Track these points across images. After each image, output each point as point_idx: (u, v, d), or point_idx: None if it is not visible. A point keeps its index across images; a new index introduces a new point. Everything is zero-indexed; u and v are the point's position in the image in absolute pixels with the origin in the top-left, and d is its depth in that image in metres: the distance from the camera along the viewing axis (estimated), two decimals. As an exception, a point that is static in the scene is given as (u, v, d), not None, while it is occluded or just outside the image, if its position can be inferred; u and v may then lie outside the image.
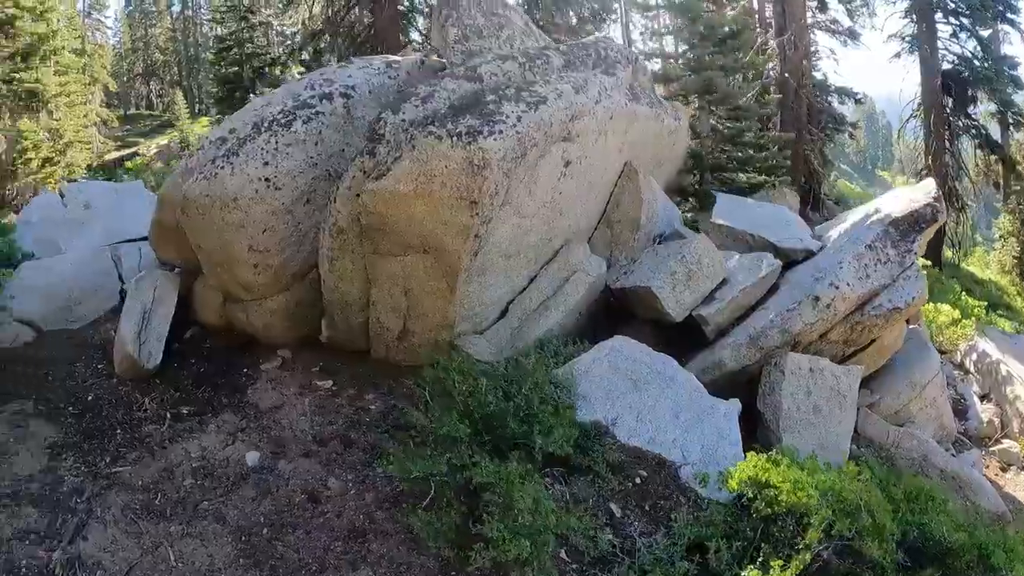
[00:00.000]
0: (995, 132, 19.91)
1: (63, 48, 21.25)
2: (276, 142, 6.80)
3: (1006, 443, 9.37)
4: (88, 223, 9.72)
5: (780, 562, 4.49)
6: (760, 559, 4.67)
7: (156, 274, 7.83)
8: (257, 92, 22.41)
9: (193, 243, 7.19)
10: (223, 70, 22.98)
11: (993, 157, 19.46)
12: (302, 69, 23.21)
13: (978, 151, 19.74)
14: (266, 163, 6.73)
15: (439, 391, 5.85)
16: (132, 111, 37.49)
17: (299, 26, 22.88)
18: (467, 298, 6.85)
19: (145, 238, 9.79)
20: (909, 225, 8.15)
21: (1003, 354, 10.72)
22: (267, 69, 22.85)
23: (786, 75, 16.40)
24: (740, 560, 4.79)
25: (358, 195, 6.30)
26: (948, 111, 19.02)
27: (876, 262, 7.85)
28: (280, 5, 23.91)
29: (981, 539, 5.32)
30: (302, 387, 6.88)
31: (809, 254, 8.65)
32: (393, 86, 7.64)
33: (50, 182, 18.51)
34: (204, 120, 30.49)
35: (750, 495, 5.20)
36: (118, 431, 6.32)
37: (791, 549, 4.66)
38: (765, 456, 5.52)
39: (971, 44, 18.94)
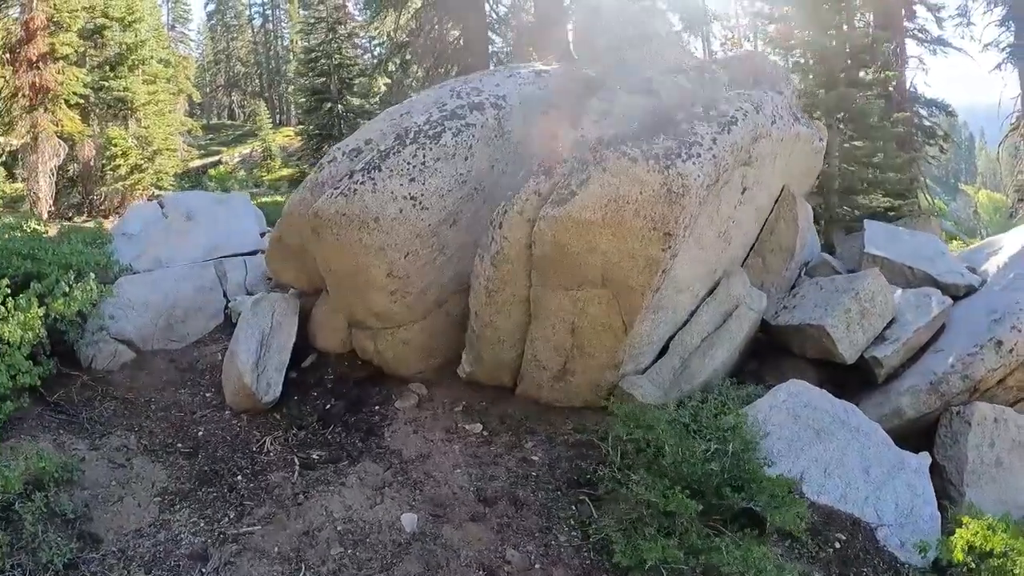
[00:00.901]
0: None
1: (151, 58, 20.81)
2: (423, 156, 5.77)
3: None
4: (190, 235, 8.81)
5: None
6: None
7: (274, 297, 6.87)
8: (343, 103, 21.69)
9: (322, 265, 6.21)
10: (310, 81, 22.30)
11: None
12: (387, 80, 22.51)
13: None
14: (412, 179, 5.71)
15: (632, 448, 4.74)
16: (214, 121, 37.35)
17: (384, 37, 22.18)
18: (638, 337, 5.77)
19: (252, 252, 8.98)
20: (1076, 261, 7.21)
21: None
22: (353, 80, 22.08)
23: (891, 88, 14.85)
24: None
25: (531, 221, 5.20)
26: (1049, 126, 17.06)
27: (1055, 301, 6.96)
28: (366, 16, 23.18)
29: None
30: (448, 431, 5.84)
31: (970, 289, 7.73)
32: (543, 97, 6.58)
33: (138, 188, 17.94)
34: (286, 130, 30.03)
35: (971, 564, 4.68)
36: (239, 478, 5.36)
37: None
38: (984, 522, 4.97)
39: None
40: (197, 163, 24.58)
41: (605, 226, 4.97)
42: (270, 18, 39.22)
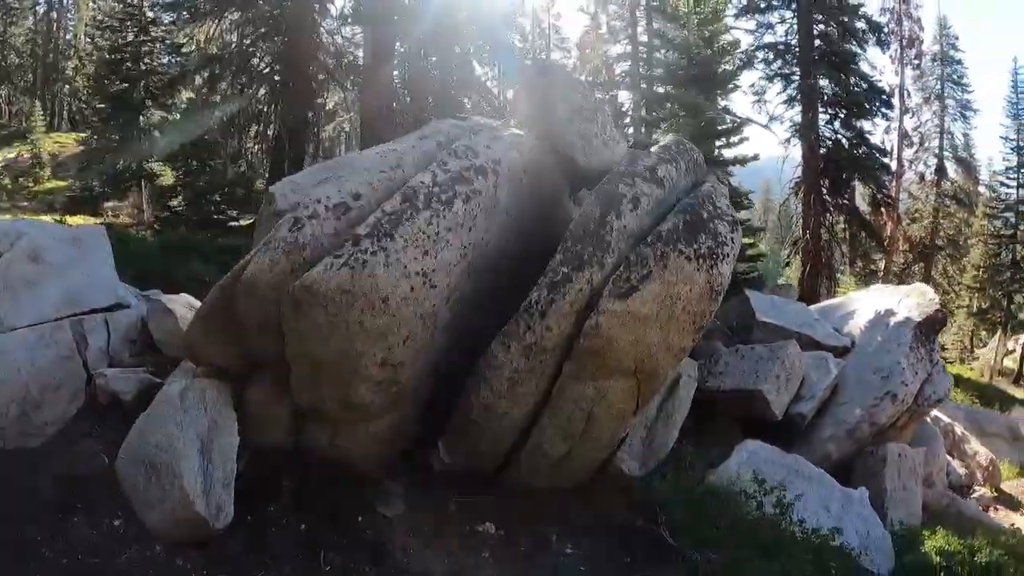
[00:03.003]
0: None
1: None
2: (438, 225, 4.69)
3: (980, 490, 9.99)
4: (38, 283, 6.22)
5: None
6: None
7: (202, 386, 5.05)
8: (147, 115, 18.03)
9: (294, 348, 4.71)
10: (112, 85, 18.14)
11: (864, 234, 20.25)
12: (191, 95, 19.24)
13: (847, 228, 20.36)
14: (426, 252, 4.61)
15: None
16: (-25, 117, 29.06)
17: (193, 48, 18.89)
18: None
19: (113, 307, 6.74)
20: (928, 328, 8.60)
21: (948, 417, 11.23)
22: (160, 91, 18.39)
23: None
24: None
25: (578, 312, 4.51)
26: (826, 191, 19.55)
27: (917, 361, 8.21)
28: (164, 20, 19.38)
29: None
30: (462, 537, 4.75)
31: (845, 350, 8.82)
32: (520, 163, 5.74)
33: None
34: (60, 135, 24.24)
35: (942, 563, 5.84)
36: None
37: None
38: (941, 534, 6.40)
39: (847, 131, 19.77)
40: (-48, 166, 18.79)
41: (657, 321, 4.63)
42: (55, 5, 31.88)
